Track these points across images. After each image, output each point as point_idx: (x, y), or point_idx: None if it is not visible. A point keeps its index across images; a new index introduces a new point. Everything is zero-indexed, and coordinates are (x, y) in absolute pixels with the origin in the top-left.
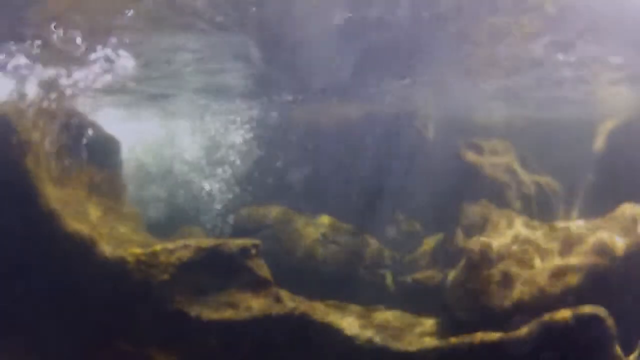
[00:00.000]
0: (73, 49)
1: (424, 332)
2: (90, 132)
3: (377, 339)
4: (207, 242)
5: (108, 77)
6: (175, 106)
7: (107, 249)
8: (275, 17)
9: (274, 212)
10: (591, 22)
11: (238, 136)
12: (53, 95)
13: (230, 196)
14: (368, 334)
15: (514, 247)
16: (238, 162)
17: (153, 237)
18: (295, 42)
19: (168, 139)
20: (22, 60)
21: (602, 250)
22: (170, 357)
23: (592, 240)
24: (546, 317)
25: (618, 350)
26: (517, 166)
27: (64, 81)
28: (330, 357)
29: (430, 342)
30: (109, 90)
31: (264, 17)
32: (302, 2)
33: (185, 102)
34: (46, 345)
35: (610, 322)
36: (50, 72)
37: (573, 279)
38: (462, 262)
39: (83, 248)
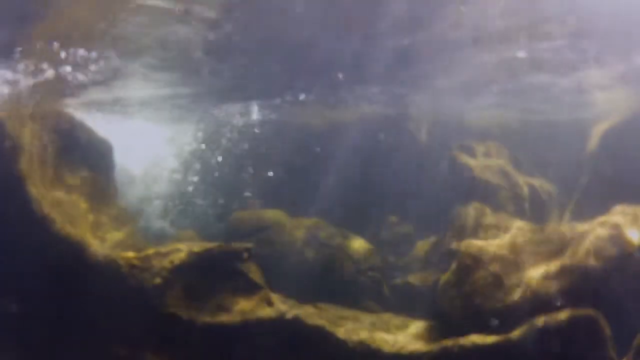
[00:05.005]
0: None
1: (416, 335)
2: (82, 135)
3: (370, 342)
4: (200, 246)
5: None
6: (167, 111)
7: (99, 253)
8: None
9: (266, 216)
10: (587, 23)
11: (231, 139)
12: (45, 98)
13: (223, 200)
14: (361, 336)
15: (507, 249)
16: (232, 165)
17: (146, 241)
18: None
19: (162, 144)
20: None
21: (596, 252)
22: None
23: (585, 242)
24: (539, 319)
25: (612, 352)
26: (510, 168)
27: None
28: None
29: (423, 344)
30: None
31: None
32: None
33: (176, 106)
34: (40, 349)
35: (603, 323)
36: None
37: (566, 281)
38: (455, 265)
39: (76, 252)
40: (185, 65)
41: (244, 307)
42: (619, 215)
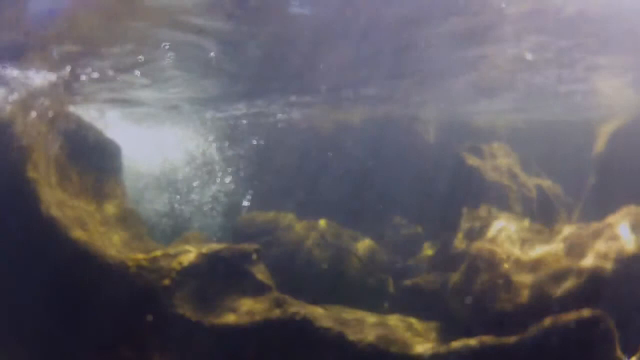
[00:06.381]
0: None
1: (425, 336)
2: (90, 136)
3: (378, 343)
4: (208, 247)
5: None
6: (174, 113)
7: (108, 255)
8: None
9: (275, 217)
10: (595, 26)
11: (238, 141)
12: (53, 100)
13: (232, 202)
14: (369, 338)
15: (515, 251)
16: (240, 167)
17: (155, 242)
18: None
19: (171, 146)
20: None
21: (604, 253)
22: None
23: (593, 243)
24: (548, 320)
25: (619, 352)
26: (518, 169)
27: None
28: None
29: (431, 346)
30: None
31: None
32: None
33: (186, 108)
34: (48, 351)
35: (611, 325)
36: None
37: (575, 282)
38: (464, 266)
39: (84, 254)
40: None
41: (252, 308)
42: (626, 216)
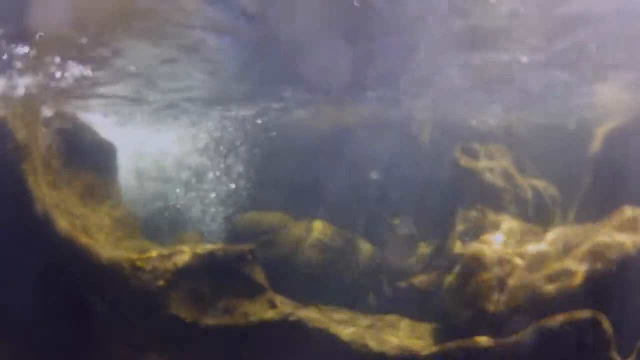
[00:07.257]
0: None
1: (420, 337)
2: (86, 136)
3: (373, 344)
4: (203, 248)
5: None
6: (173, 111)
7: (102, 255)
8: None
9: (271, 218)
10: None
11: (235, 141)
12: (50, 99)
13: (228, 202)
14: (364, 339)
15: (510, 252)
16: (236, 167)
17: (149, 243)
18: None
19: (166, 145)
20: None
21: (600, 254)
22: None
23: (589, 244)
24: (542, 321)
25: (615, 353)
26: (513, 170)
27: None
28: None
29: (426, 346)
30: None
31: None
32: None
33: (182, 107)
34: (42, 351)
35: (606, 326)
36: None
37: (570, 283)
38: (458, 267)
39: (79, 253)
40: None
41: (247, 309)
42: (623, 217)
